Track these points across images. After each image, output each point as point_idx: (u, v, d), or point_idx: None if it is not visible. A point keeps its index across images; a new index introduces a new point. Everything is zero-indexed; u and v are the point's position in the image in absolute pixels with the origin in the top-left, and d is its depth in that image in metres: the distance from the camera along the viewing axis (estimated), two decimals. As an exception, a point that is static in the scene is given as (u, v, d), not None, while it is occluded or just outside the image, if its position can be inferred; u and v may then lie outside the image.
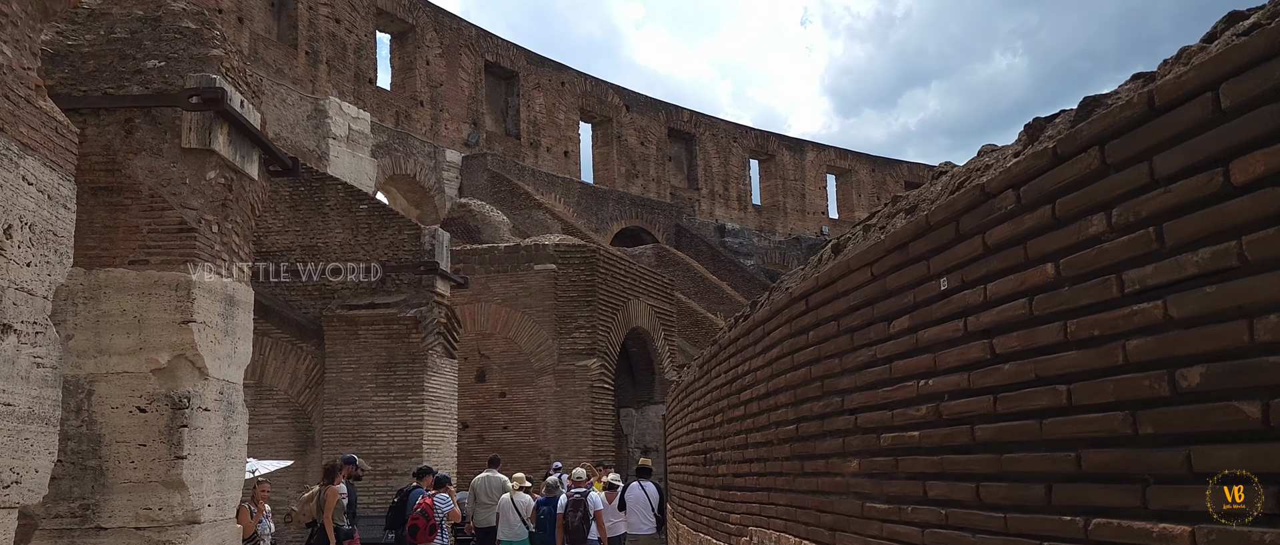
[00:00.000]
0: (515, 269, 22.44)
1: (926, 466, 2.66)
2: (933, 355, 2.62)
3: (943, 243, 2.56)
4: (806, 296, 3.63)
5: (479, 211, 29.46)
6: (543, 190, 36.34)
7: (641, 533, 11.42)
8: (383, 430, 14.12)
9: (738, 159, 49.22)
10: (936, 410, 2.59)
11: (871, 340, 3.05)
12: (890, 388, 2.90)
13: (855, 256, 3.16)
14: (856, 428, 3.15)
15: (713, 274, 37.26)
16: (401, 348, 14.28)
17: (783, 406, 3.95)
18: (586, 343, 21.79)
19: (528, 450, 21.86)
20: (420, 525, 10.56)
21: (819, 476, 3.53)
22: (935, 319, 2.60)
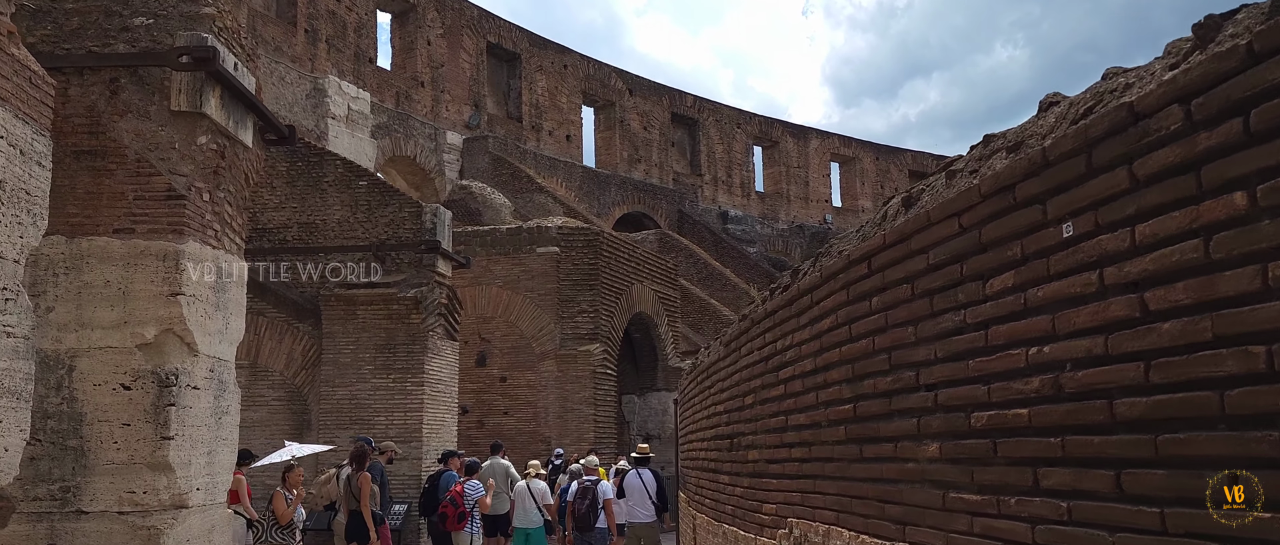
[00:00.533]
0: (517, 251, 22.00)
1: (1038, 450, 2.22)
2: (1050, 317, 2.18)
3: (1067, 180, 2.11)
4: (869, 257, 3.18)
5: (480, 194, 28.99)
6: (544, 174, 35.86)
7: (640, 520, 11.32)
8: (381, 413, 13.68)
9: (741, 145, 48.73)
10: (1055, 383, 2.15)
11: (959, 303, 2.60)
12: (986, 358, 2.46)
13: (938, 207, 2.71)
14: (937, 406, 2.71)
15: (716, 260, 36.81)
16: (401, 329, 13.84)
17: (835, 383, 3.51)
18: (589, 327, 21.36)
19: (529, 436, 21.46)
20: (449, 513, 10.36)
21: (883, 462, 3.09)
22: (1054, 273, 2.16)
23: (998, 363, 2.40)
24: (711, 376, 6.21)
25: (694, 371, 7.50)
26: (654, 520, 11.36)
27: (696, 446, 7.07)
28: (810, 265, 4.01)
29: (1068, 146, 2.11)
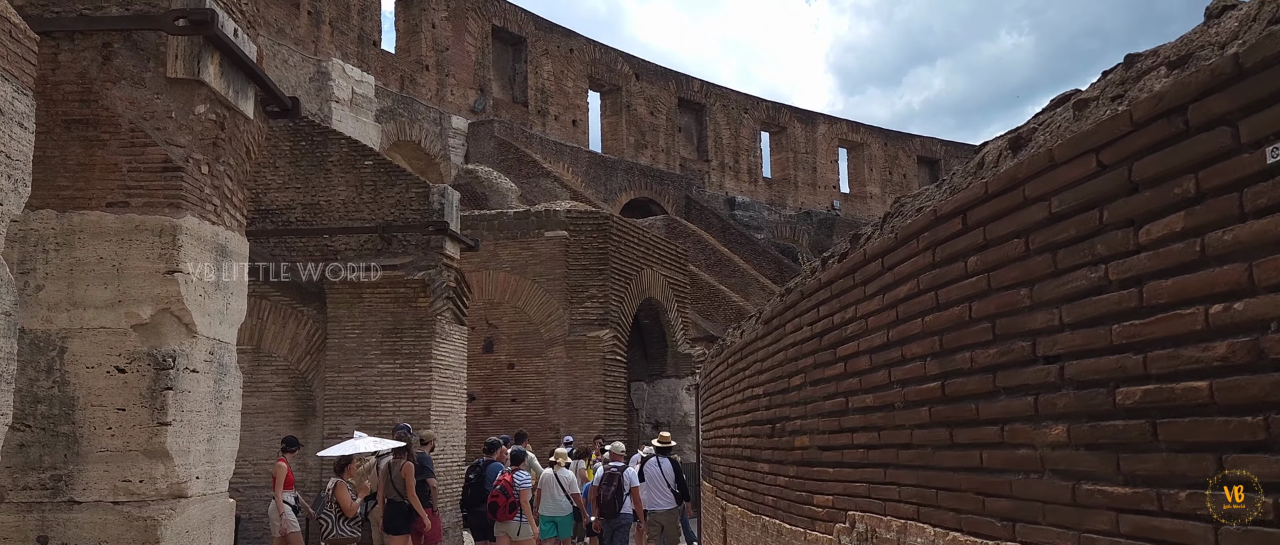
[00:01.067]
0: (525, 236, 21.57)
1: (1224, 433, 1.79)
2: (1245, 265, 1.74)
3: (1268, 94, 1.68)
4: (964, 211, 2.75)
5: (486, 178, 28.57)
6: (551, 159, 35.41)
7: (660, 508, 11.38)
8: (388, 400, 13.27)
9: (748, 131, 48.22)
10: (1254, 348, 1.71)
11: (1096, 257, 2.16)
12: (1140, 321, 2.02)
13: (1066, 145, 2.26)
14: (1063, 381, 2.28)
15: (724, 246, 36.37)
16: (408, 313, 13.41)
17: (916, 359, 3.07)
18: (598, 313, 20.95)
19: (537, 423, 21.08)
20: (500, 503, 10.10)
21: (985, 449, 2.65)
22: (1252, 210, 1.72)
23: (1158, 326, 1.96)
24: (746, 357, 5.78)
25: (722, 354, 7.06)
26: (674, 508, 11.37)
27: (726, 433, 6.64)
28: (877, 228, 3.57)
29: (1266, 53, 1.67)
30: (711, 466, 7.68)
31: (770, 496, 5.07)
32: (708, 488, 7.89)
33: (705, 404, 8.36)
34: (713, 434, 7.50)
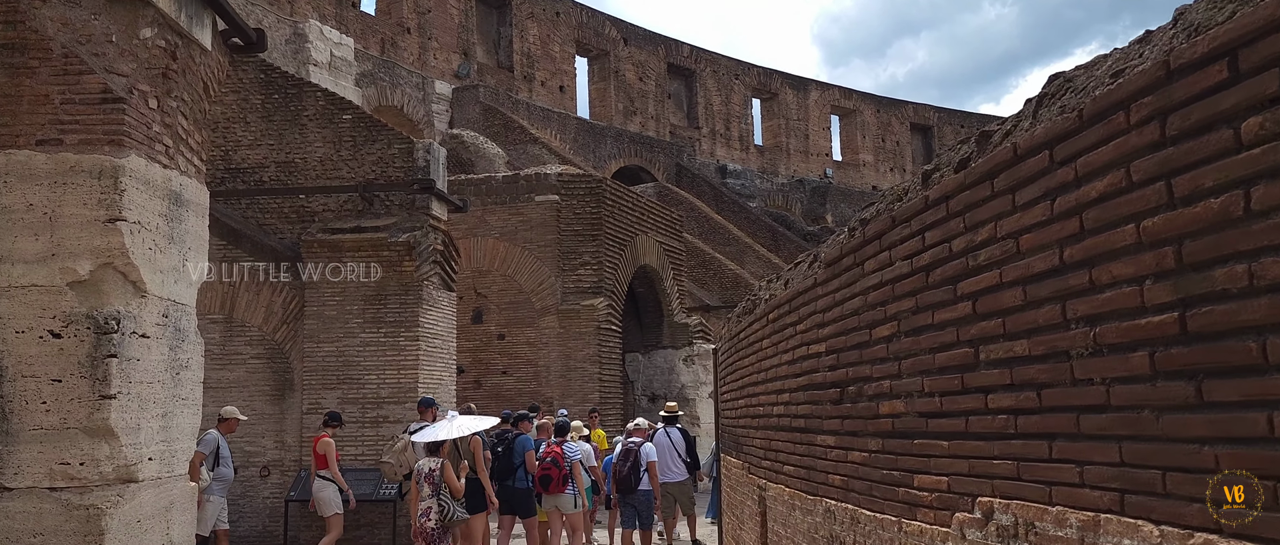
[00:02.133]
0: (514, 201, 20.60)
1: None
2: None
3: None
4: (1234, 50, 1.83)
5: (472, 143, 27.50)
6: (538, 125, 34.32)
7: (672, 479, 11.23)
8: (372, 372, 12.31)
9: (739, 97, 47.19)
10: None
11: None
12: None
13: None
14: None
15: (717, 214, 35.43)
16: (393, 278, 12.43)
17: (1120, 284, 2.15)
18: (592, 280, 20.03)
19: (529, 397, 20.19)
20: (553, 475, 9.88)
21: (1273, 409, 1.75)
22: None
23: None
24: (797, 310, 4.84)
25: (754, 310, 6.13)
26: (686, 479, 11.12)
27: (764, 401, 5.71)
28: (1029, 116, 2.63)
29: None
30: (739, 440, 6.76)
31: (838, 476, 4.15)
32: (735, 464, 6.97)
33: (728, 370, 7.43)
34: (742, 403, 6.58)
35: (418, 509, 8.63)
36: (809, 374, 4.53)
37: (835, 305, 4.14)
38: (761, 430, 5.69)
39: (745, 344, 6.34)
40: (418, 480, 8.75)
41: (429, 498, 8.62)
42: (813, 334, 4.44)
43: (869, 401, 3.72)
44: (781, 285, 5.22)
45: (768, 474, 5.48)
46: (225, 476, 10.15)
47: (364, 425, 12.21)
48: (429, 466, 8.78)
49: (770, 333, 5.27)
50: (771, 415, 5.39)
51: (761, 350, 5.60)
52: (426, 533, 8.49)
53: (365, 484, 11.85)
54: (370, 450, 12.21)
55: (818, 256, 4.58)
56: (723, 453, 7.89)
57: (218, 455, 10.03)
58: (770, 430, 5.43)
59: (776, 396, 5.21)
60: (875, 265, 3.66)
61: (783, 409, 5.06)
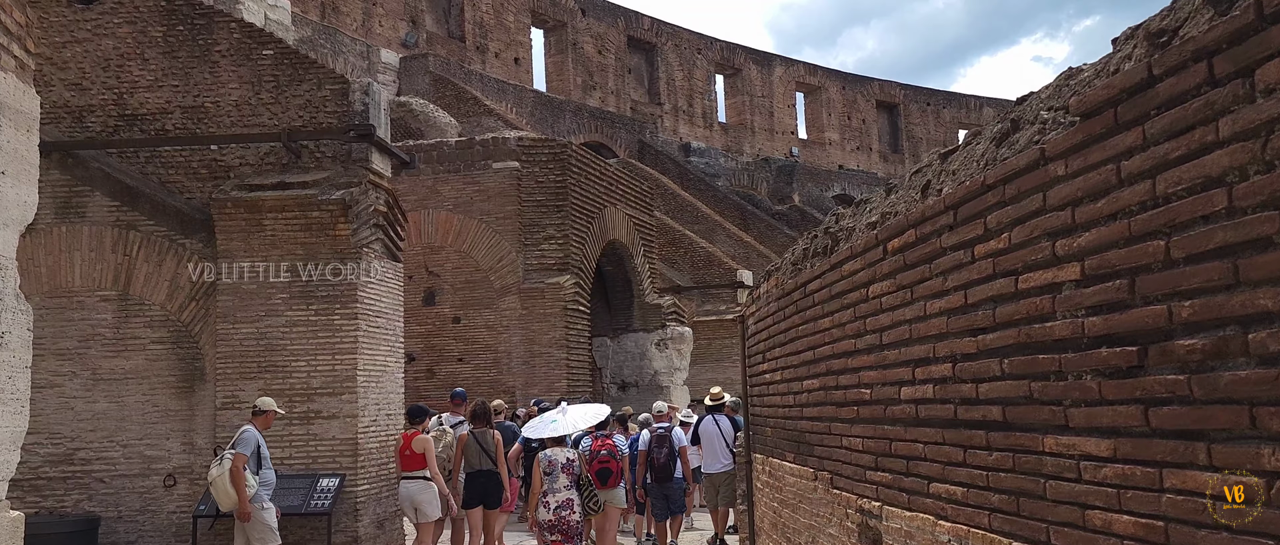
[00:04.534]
0: (469, 169, 18.45)
1: None
2: None
3: None
4: None
5: (422, 112, 25.23)
6: (492, 97, 32.08)
7: (718, 470, 10.80)
8: (301, 357, 10.16)
9: (702, 73, 45.25)
10: None
11: None
12: None
13: None
14: None
15: (684, 191, 33.48)
16: (325, 244, 10.27)
17: None
18: (557, 256, 17.96)
19: (488, 386, 18.07)
20: (613, 468, 9.44)
21: None
22: None
23: None
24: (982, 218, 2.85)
25: (830, 252, 4.15)
26: (732, 469, 10.45)
27: (868, 378, 3.72)
28: None
29: None
30: (799, 437, 4.76)
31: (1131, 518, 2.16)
32: (793, 470, 4.97)
33: (772, 342, 5.43)
34: (809, 384, 4.60)
35: (541, 501, 8.41)
36: (1024, 325, 2.53)
37: (1115, 187, 2.15)
38: (863, 424, 3.71)
39: (815, 301, 4.36)
40: (545, 471, 8.46)
41: (567, 489, 8.36)
42: (1037, 250, 2.45)
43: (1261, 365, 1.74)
44: (916, 193, 3.22)
45: (886, 493, 3.50)
46: (270, 480, 8.75)
47: (292, 422, 10.06)
48: (566, 457, 8.53)
49: (898, 268, 3.30)
50: (892, 402, 3.40)
51: (867, 301, 3.62)
52: (569, 525, 8.28)
53: (293, 495, 9.72)
54: (300, 452, 10.08)
55: (1017, 123, 2.59)
56: (759, 452, 5.91)
57: (259, 455, 8.65)
58: (888, 425, 3.45)
59: (912, 369, 3.22)
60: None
61: (932, 389, 3.08)
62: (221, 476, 8.23)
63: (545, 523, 8.33)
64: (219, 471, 8.28)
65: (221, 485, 8.23)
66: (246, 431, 8.55)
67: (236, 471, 8.25)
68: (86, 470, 10.19)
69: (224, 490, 8.22)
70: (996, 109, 54.99)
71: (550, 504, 8.32)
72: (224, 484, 8.22)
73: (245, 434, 8.51)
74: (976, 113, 53.88)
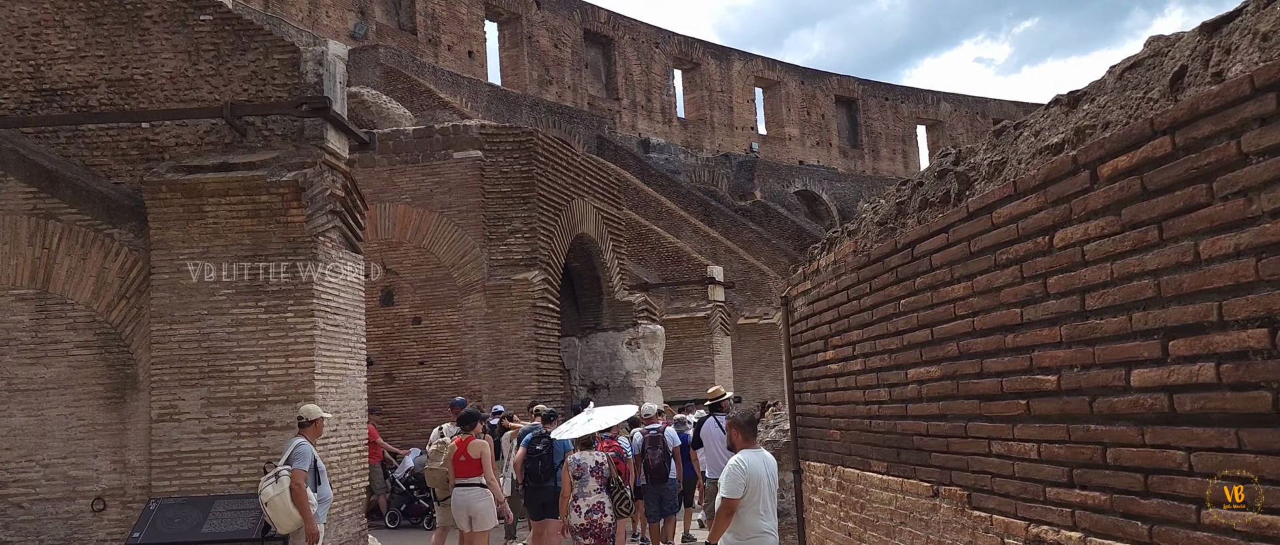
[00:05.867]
0: (428, 159, 17.24)
1: None
2: None
3: None
4: None
5: (373, 103, 23.84)
6: (446, 91, 30.77)
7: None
8: (250, 361, 8.93)
9: (660, 67, 44.25)
10: None
11: None
12: None
13: None
14: None
15: (647, 187, 32.43)
16: (275, 232, 9.07)
17: None
18: (525, 251, 16.82)
19: (452, 390, 16.86)
20: (622, 471, 9.01)
21: None
22: None
23: None
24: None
25: (961, 200, 3.12)
26: None
27: (1114, 357, 2.68)
28: None
29: None
30: (901, 442, 3.71)
31: None
32: (881, 480, 3.91)
33: (833, 334, 4.40)
34: (899, 381, 3.57)
35: (573, 504, 8.18)
36: None
37: None
38: (1042, 424, 2.69)
39: (933, 264, 3.33)
40: (575, 475, 8.24)
41: (597, 493, 8.21)
42: None
43: None
44: (1147, 93, 2.19)
45: (1092, 520, 2.47)
46: (327, 497, 7.98)
47: (240, 435, 8.84)
48: (595, 460, 8.30)
49: (1125, 199, 2.27)
50: (1107, 392, 2.39)
51: (1049, 253, 2.61)
52: (602, 529, 8.13)
53: (242, 517, 8.50)
54: (250, 468, 8.85)
55: None
56: (817, 460, 4.84)
57: (316, 469, 7.80)
58: (1098, 424, 2.43)
59: (1161, 343, 2.19)
60: None
61: (1205, 371, 2.05)
62: (281, 496, 7.38)
63: (578, 527, 8.17)
64: (277, 490, 7.40)
65: (281, 505, 7.42)
66: (300, 445, 7.71)
67: (299, 488, 7.45)
68: (2, 494, 8.88)
69: (285, 510, 7.41)
70: (953, 103, 54.74)
71: (582, 508, 8.16)
72: (285, 504, 7.41)
73: (300, 447, 7.69)
74: (934, 107, 53.57)
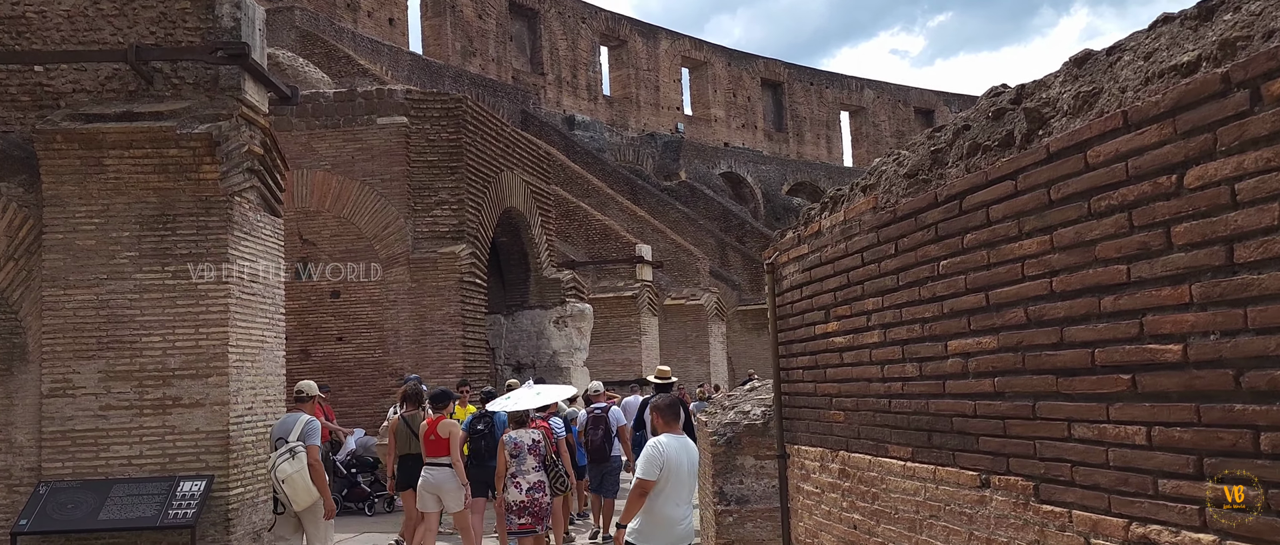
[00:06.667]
0: (351, 124, 16.33)
1: None
2: None
3: None
4: None
5: (290, 66, 22.63)
6: (367, 57, 29.61)
7: None
8: (155, 332, 8.10)
9: (587, 43, 43.50)
10: None
11: None
12: None
13: None
14: None
15: (573, 163, 31.75)
16: (186, 190, 8.22)
17: None
18: (452, 223, 16.08)
19: (372, 369, 16.13)
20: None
21: None
22: None
23: None
24: None
25: (1033, 141, 2.64)
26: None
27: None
28: None
29: None
30: (935, 424, 3.22)
31: None
32: (903, 466, 3.43)
33: (839, 302, 3.91)
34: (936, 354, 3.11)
35: (512, 481, 8.09)
36: None
37: None
38: (1155, 403, 2.22)
39: (988, 219, 2.85)
40: (512, 454, 8.16)
41: (536, 471, 8.14)
42: None
43: None
44: None
45: (1235, 522, 2.01)
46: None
47: (142, 412, 8.01)
48: (532, 438, 8.22)
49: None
50: (1265, 362, 1.92)
51: (1177, 195, 2.13)
52: (541, 507, 8.07)
53: (145, 503, 7.71)
54: (154, 450, 8.04)
55: None
56: (809, 444, 4.35)
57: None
58: (1256, 403, 1.96)
59: None
60: None
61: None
62: (300, 472, 7.46)
63: (516, 504, 8.04)
64: (295, 467, 7.48)
65: (301, 482, 7.48)
66: (309, 422, 7.76)
67: (318, 464, 7.60)
68: None
69: (305, 486, 7.49)
70: (877, 90, 55.11)
71: (522, 486, 8.06)
72: (304, 480, 7.49)
73: (309, 424, 7.74)
74: (858, 94, 53.89)
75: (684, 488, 4.93)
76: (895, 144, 39.54)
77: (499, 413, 9.14)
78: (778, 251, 4.71)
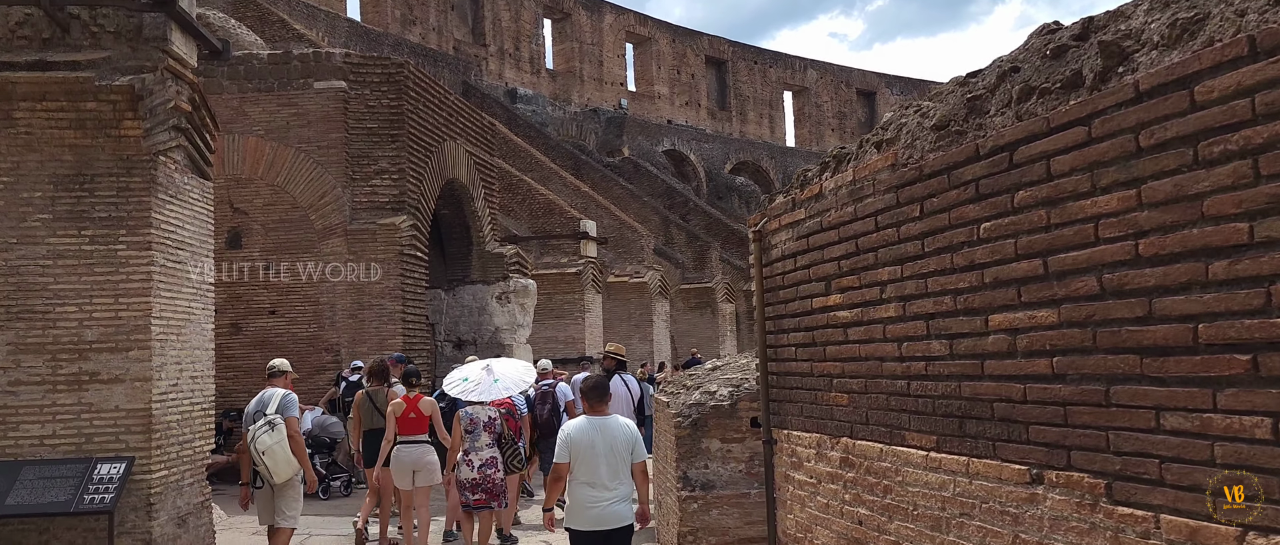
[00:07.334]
0: (286, 88, 15.56)
1: None
2: None
3: None
4: None
5: (222, 27, 21.61)
6: (302, 22, 28.54)
7: None
8: (70, 301, 7.43)
9: (530, 15, 42.66)
10: None
11: None
12: None
13: None
14: None
15: (516, 136, 31.07)
16: (105, 147, 7.54)
17: None
18: (392, 193, 15.43)
19: (306, 345, 15.44)
20: (513, 428, 9.04)
21: None
22: None
23: None
24: None
25: (1096, 85, 2.23)
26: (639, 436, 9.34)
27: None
28: None
29: None
30: (969, 410, 2.84)
31: None
32: (922, 456, 3.05)
33: (841, 273, 3.51)
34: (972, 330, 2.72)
35: (464, 458, 8.04)
36: None
37: None
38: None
39: (1048, 172, 2.46)
40: (467, 429, 8.09)
41: (490, 448, 8.07)
42: None
43: None
44: None
45: None
46: None
47: (56, 388, 7.34)
48: (489, 415, 8.19)
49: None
50: None
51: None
52: (494, 484, 8.01)
53: (59, 487, 7.07)
54: (68, 429, 7.38)
55: None
56: (801, 429, 3.96)
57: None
58: None
59: None
60: None
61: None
62: (280, 444, 7.32)
63: (469, 481, 8.00)
64: (275, 439, 7.32)
65: (281, 453, 7.33)
66: (287, 395, 7.65)
67: (297, 435, 7.52)
68: None
69: (285, 459, 7.35)
70: (820, 71, 55.10)
71: (474, 462, 8.01)
72: (285, 452, 7.35)
73: (287, 397, 7.61)
74: (801, 73, 53.80)
75: (601, 467, 4.87)
76: (837, 125, 39.41)
77: (459, 397, 8.88)
78: (767, 217, 4.29)
